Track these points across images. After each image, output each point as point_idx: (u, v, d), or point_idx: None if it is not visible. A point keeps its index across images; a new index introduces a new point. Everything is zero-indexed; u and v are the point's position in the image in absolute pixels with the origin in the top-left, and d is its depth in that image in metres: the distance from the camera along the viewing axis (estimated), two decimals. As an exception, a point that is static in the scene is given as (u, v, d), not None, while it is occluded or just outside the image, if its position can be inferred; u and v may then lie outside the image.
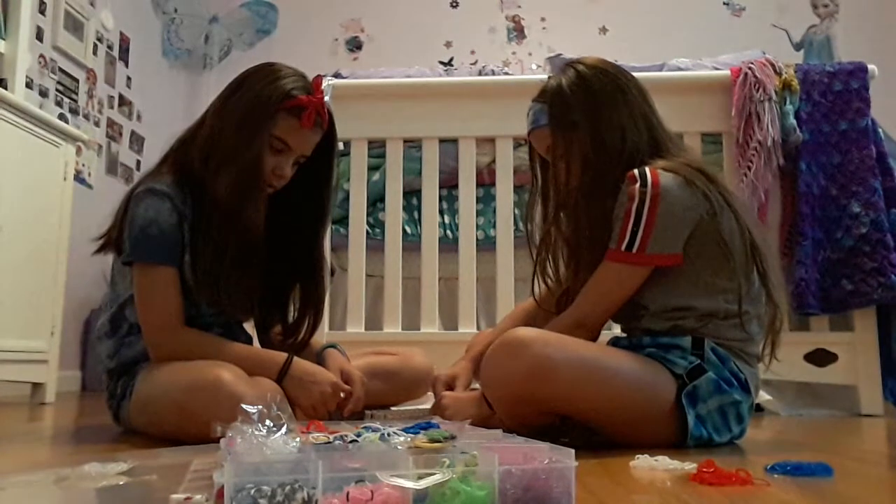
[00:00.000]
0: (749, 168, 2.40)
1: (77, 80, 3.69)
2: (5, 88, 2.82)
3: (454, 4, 5.17)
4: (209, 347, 1.46)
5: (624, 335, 1.49)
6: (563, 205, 1.49)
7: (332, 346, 1.65)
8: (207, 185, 1.46)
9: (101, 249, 1.56)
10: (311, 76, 1.56)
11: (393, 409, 1.70)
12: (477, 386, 1.51)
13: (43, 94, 3.39)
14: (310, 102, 1.46)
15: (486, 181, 2.66)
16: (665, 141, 1.45)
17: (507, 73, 3.42)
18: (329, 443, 0.85)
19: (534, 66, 4.95)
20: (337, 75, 2.84)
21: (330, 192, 1.63)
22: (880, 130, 2.52)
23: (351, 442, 0.86)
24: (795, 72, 2.51)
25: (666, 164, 1.37)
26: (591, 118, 1.42)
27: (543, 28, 5.09)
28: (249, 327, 1.67)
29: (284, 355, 1.48)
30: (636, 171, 1.35)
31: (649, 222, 1.32)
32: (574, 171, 1.45)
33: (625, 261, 1.35)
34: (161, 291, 1.45)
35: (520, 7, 5.15)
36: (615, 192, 1.38)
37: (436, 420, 1.33)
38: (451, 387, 1.55)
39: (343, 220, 2.59)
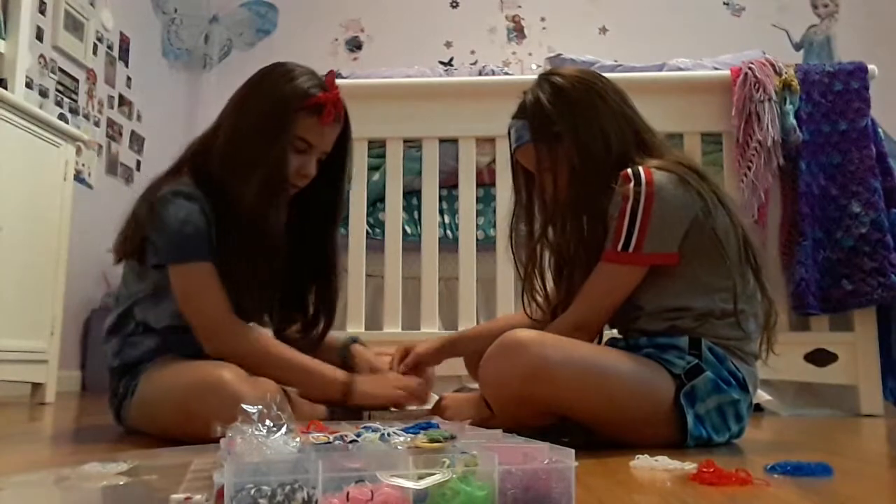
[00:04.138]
0: (749, 168, 2.40)
1: (77, 80, 3.69)
2: (5, 88, 2.82)
3: (454, 4, 5.17)
4: (277, 351, 1.47)
5: (620, 336, 1.49)
6: (552, 217, 1.49)
7: (354, 339, 1.65)
8: (230, 191, 1.46)
9: (124, 258, 1.53)
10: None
11: (392, 409, 1.70)
12: (476, 387, 1.51)
13: (43, 94, 3.39)
14: (328, 99, 1.47)
15: (486, 181, 2.66)
16: (652, 141, 1.45)
17: (507, 73, 3.42)
18: (329, 443, 0.85)
19: (534, 66, 4.94)
20: (337, 75, 2.84)
21: (344, 187, 1.63)
22: (880, 130, 2.52)
23: (351, 442, 0.86)
24: (795, 72, 2.51)
25: (659, 163, 1.37)
26: (573, 128, 1.42)
27: (543, 28, 5.09)
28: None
29: (342, 373, 1.48)
30: (630, 171, 1.34)
31: (644, 221, 1.32)
32: (561, 182, 1.44)
33: (621, 261, 1.35)
34: (212, 286, 1.43)
35: (520, 7, 5.15)
36: (607, 198, 1.38)
37: (436, 420, 1.33)
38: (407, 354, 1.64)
39: (343, 220, 2.58)
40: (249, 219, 1.45)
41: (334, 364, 1.55)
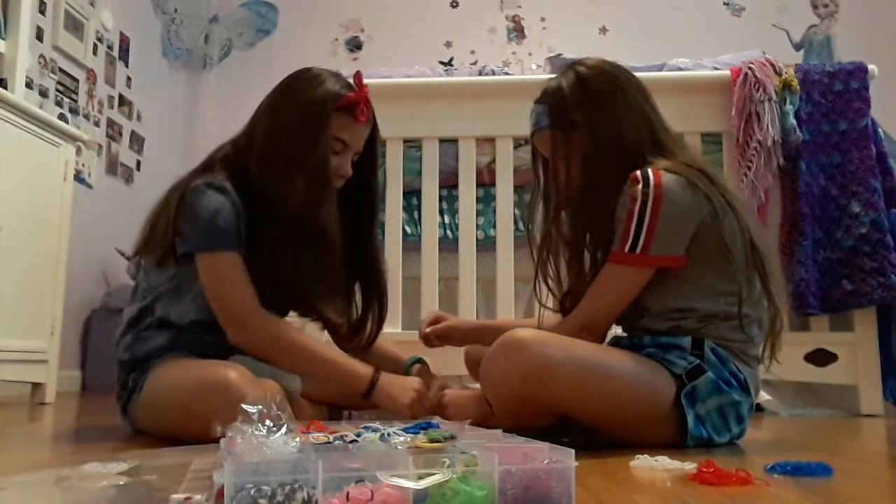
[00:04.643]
0: (749, 168, 2.40)
1: (77, 80, 3.69)
2: (5, 88, 2.82)
3: (454, 4, 5.17)
4: (302, 342, 1.47)
5: (625, 335, 1.49)
6: (563, 205, 1.49)
7: (418, 360, 1.68)
8: (273, 193, 1.47)
9: (161, 259, 1.49)
10: None
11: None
12: (477, 386, 1.51)
13: (43, 94, 3.39)
14: (359, 98, 1.50)
15: (486, 181, 2.66)
16: (667, 141, 1.45)
17: (507, 73, 3.42)
18: (329, 443, 0.85)
19: (534, 66, 4.94)
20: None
21: (377, 182, 1.67)
22: (880, 130, 2.52)
23: (351, 442, 0.86)
24: (795, 72, 2.51)
25: (668, 165, 1.37)
26: (589, 118, 1.43)
27: (543, 28, 5.09)
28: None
29: (367, 368, 1.48)
30: (639, 173, 1.35)
31: (652, 223, 1.32)
32: (573, 171, 1.45)
33: (628, 262, 1.35)
34: (239, 276, 1.44)
35: (520, 7, 5.15)
36: (616, 192, 1.38)
37: (436, 420, 1.33)
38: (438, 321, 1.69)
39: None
40: (303, 220, 1.47)
41: None
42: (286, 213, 1.47)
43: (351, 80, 1.54)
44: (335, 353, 1.52)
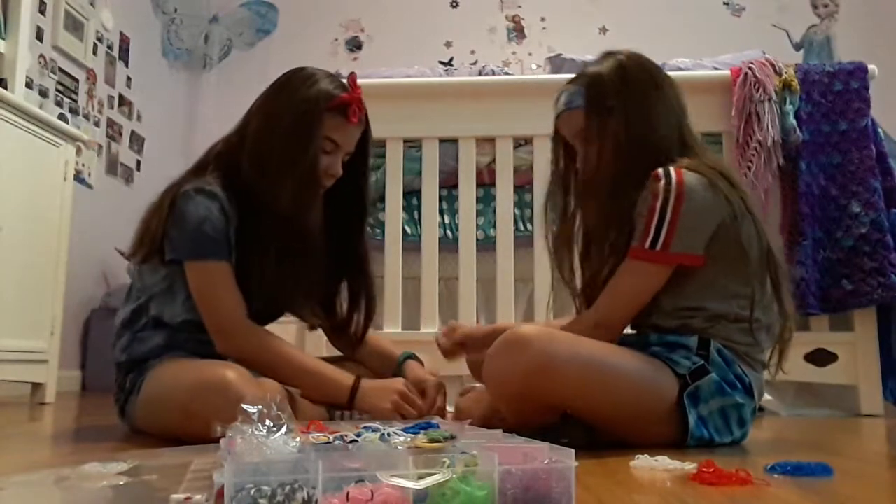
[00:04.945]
0: (749, 168, 2.40)
1: (77, 80, 3.69)
2: (5, 88, 2.82)
3: (454, 4, 5.17)
4: (286, 353, 1.49)
5: (633, 331, 1.49)
6: (586, 191, 1.49)
7: (410, 356, 1.68)
8: (263, 192, 1.48)
9: (147, 257, 1.51)
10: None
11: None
12: (478, 385, 1.52)
13: (43, 94, 3.39)
14: (352, 99, 1.51)
15: (486, 181, 2.66)
16: (692, 143, 1.46)
17: (507, 73, 3.42)
18: (329, 443, 0.85)
19: (534, 66, 4.94)
20: (338, 75, 2.83)
21: (368, 184, 1.67)
22: (880, 130, 2.52)
23: (351, 442, 0.86)
24: (795, 72, 2.51)
25: (690, 164, 1.37)
26: (626, 107, 1.43)
27: (543, 28, 5.09)
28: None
29: (349, 378, 1.49)
30: (660, 170, 1.35)
31: (673, 220, 1.32)
32: (604, 156, 1.44)
33: (648, 259, 1.35)
34: (227, 287, 1.46)
35: (520, 7, 5.15)
36: (640, 187, 1.38)
37: (436, 420, 1.33)
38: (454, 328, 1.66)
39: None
40: (291, 220, 1.47)
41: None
42: (275, 212, 1.48)
43: (345, 81, 1.54)
44: (318, 363, 1.53)
